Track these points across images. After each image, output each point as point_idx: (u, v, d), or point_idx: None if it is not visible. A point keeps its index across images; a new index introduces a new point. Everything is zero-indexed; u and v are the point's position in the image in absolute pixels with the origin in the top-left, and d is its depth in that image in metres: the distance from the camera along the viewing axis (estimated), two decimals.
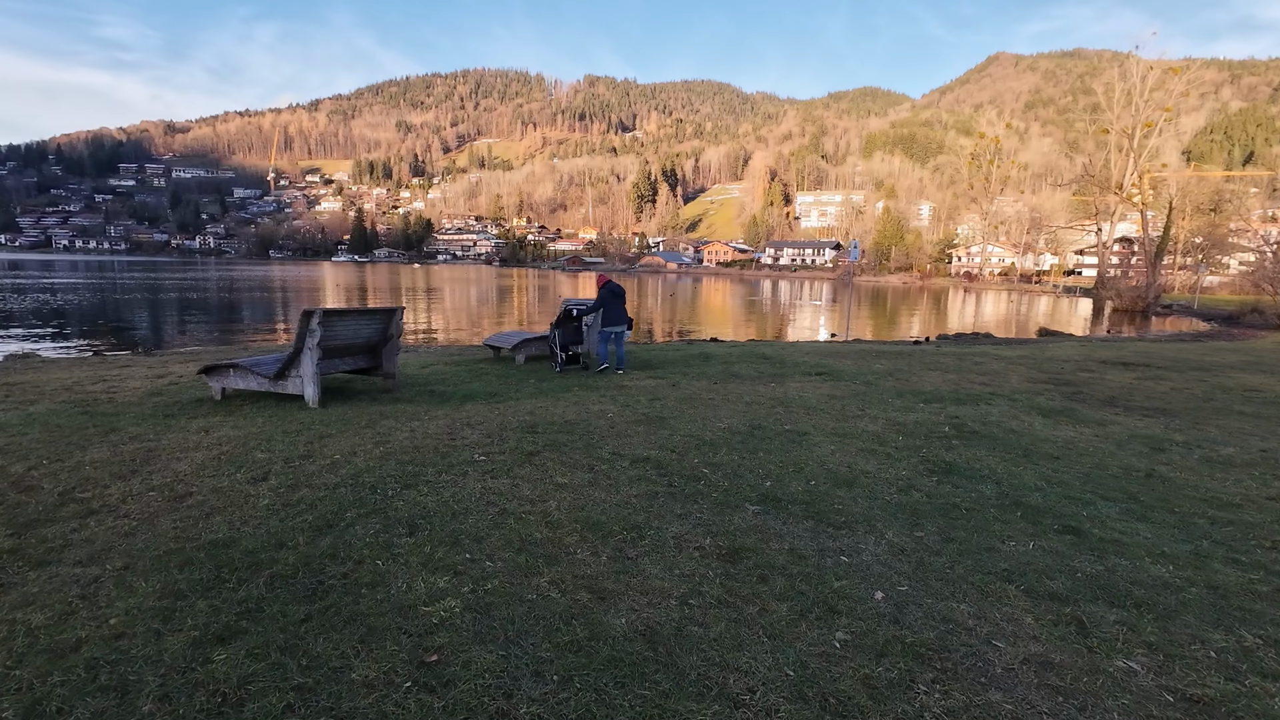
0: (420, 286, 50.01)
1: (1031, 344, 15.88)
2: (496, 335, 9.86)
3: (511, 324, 23.88)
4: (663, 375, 8.11)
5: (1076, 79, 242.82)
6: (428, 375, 8.09)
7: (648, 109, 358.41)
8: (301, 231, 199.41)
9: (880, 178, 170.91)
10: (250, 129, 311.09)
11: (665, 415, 5.49)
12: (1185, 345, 15.40)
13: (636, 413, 5.59)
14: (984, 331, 20.81)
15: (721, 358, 10.11)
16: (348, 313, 6.15)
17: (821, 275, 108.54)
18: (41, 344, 15.03)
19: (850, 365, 9.36)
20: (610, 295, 8.39)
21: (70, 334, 17.08)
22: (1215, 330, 23.81)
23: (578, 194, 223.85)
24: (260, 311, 26.37)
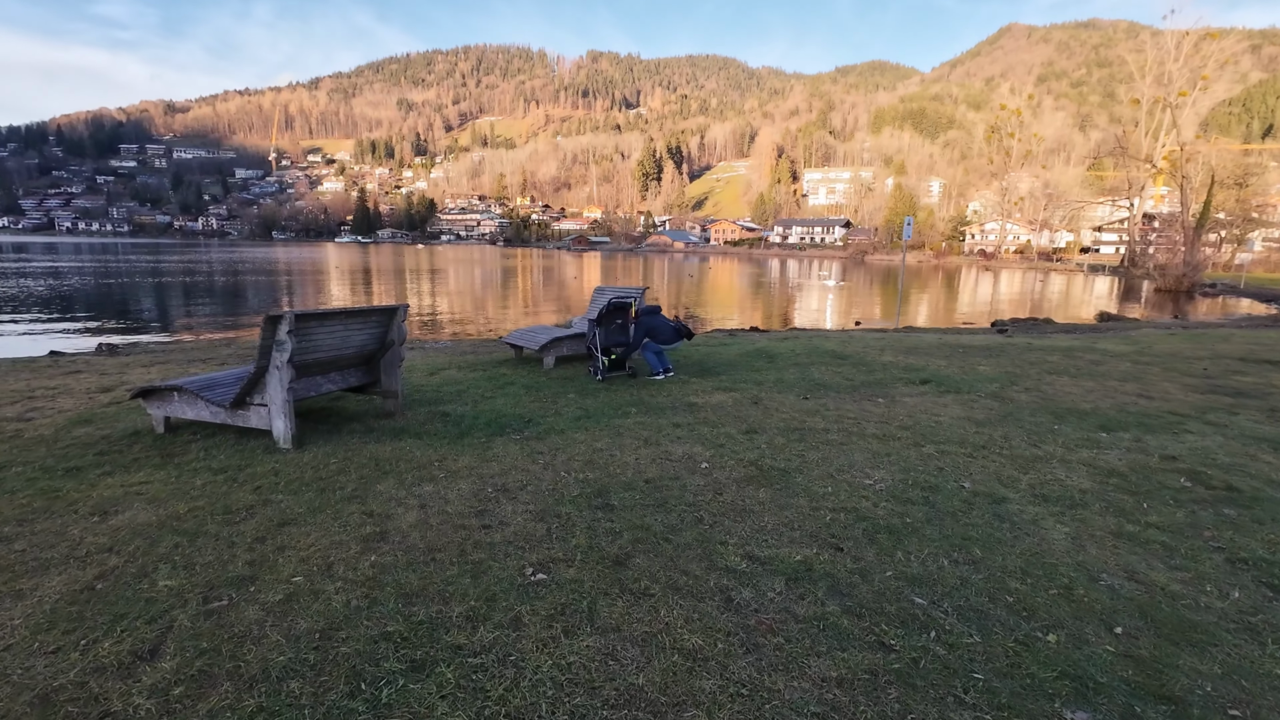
0: (425, 268, 48.27)
1: (1111, 332, 14.17)
2: (519, 332, 8.24)
3: (517, 308, 22.28)
4: (732, 384, 6.49)
5: (1091, 50, 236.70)
6: (438, 386, 6.49)
7: (652, 85, 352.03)
8: (304, 212, 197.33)
9: (889, 154, 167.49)
10: (251, 108, 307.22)
11: (781, 463, 3.87)
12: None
13: (738, 457, 3.97)
14: (1041, 316, 19.05)
15: (786, 357, 8.47)
16: (331, 315, 4.53)
17: (832, 254, 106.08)
18: (29, 332, 13.52)
19: (950, 368, 7.71)
20: (657, 317, 6.90)
21: (59, 320, 15.58)
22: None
23: (582, 172, 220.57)
24: (264, 295, 24.80)
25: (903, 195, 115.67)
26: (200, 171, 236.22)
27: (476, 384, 6.60)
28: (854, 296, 30.63)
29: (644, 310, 6.94)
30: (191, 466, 3.81)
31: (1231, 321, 18.75)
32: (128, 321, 16.67)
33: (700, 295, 30.51)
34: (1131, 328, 16.28)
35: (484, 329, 16.23)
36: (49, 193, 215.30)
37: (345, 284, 31.94)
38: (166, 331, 15.07)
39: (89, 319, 16.88)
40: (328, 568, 2.48)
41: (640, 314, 6.88)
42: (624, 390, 6.23)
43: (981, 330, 15.11)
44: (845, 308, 24.88)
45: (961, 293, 36.28)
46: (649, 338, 6.88)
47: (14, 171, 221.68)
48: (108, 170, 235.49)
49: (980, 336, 12.33)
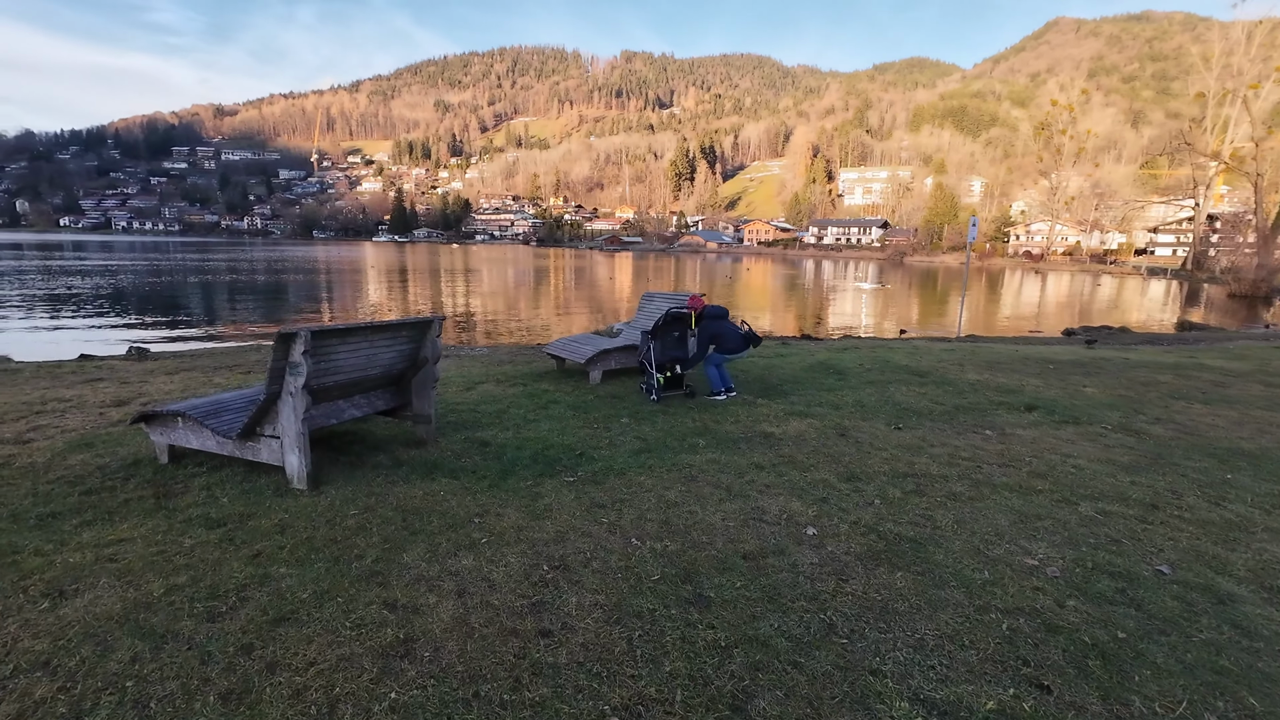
0: (460, 268, 48.28)
1: (1203, 344, 12.86)
2: (562, 342, 7.54)
3: (553, 310, 21.68)
4: (805, 408, 5.67)
5: (1144, 44, 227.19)
6: (475, 404, 5.82)
7: (685, 85, 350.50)
8: (344, 212, 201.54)
9: (928, 152, 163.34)
10: (294, 111, 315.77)
11: (908, 529, 3.05)
12: None
13: (850, 519, 3.17)
14: (1115, 325, 17.66)
15: (856, 372, 7.59)
16: (354, 331, 3.87)
17: (869, 255, 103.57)
18: (70, 329, 13.41)
19: (1050, 389, 6.75)
20: (724, 322, 6.10)
21: (98, 319, 15.54)
22: None
23: (614, 172, 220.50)
24: (301, 295, 24.75)
25: (943, 195, 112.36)
26: (246, 172, 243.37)
27: (517, 402, 5.91)
28: (897, 300, 29.30)
29: (709, 313, 6.13)
30: (186, 514, 3.17)
31: None
32: (164, 321, 16.57)
33: (737, 297, 29.56)
34: (1224, 338, 14.87)
35: (520, 332, 15.66)
36: (106, 193, 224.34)
37: (382, 284, 31.88)
38: (202, 331, 14.86)
39: (127, 318, 16.84)
40: (330, 709, 1.76)
41: (704, 317, 6.09)
42: (684, 414, 5.46)
43: (1056, 340, 13.92)
44: (891, 312, 23.69)
45: (1012, 296, 34.52)
46: (714, 345, 6.08)
47: (75, 173, 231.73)
48: (160, 171, 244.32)
49: (1060, 348, 11.21)
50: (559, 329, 16.52)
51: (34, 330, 14.46)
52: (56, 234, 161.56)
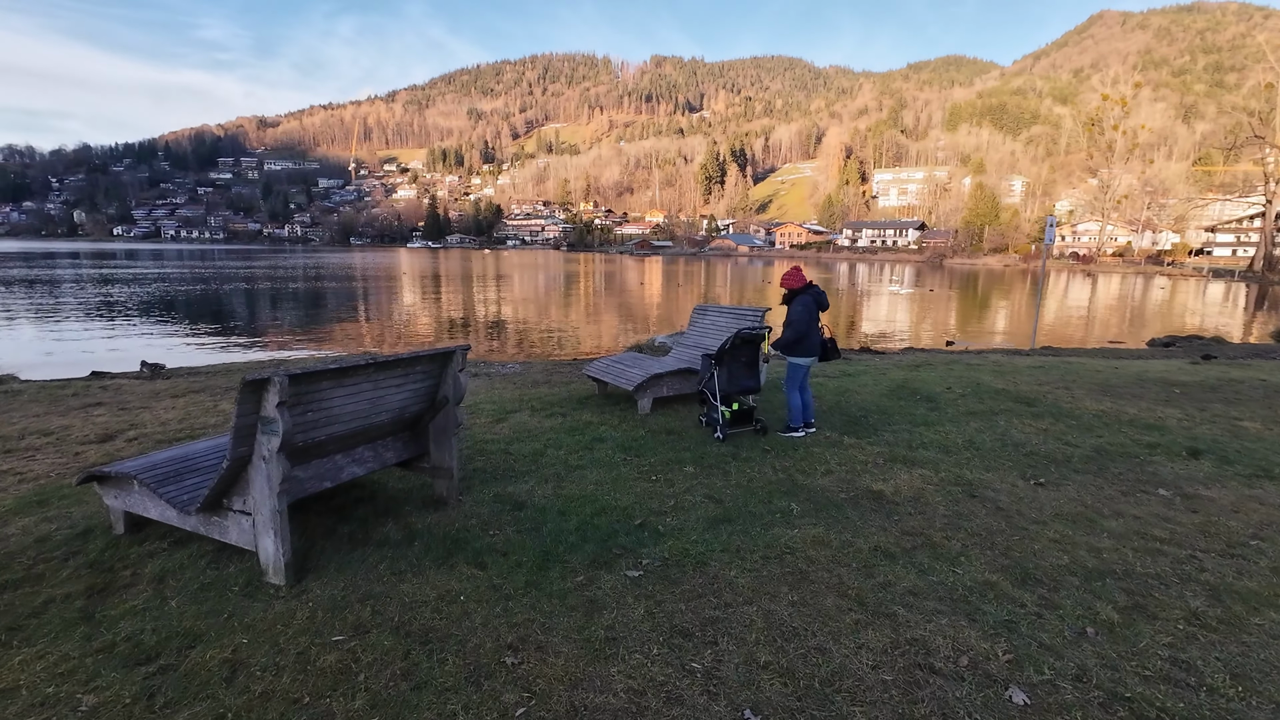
0: (491, 273, 47.94)
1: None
2: (606, 363, 6.59)
3: (586, 316, 20.77)
4: (907, 450, 4.60)
5: (1196, 35, 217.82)
6: (508, 442, 4.90)
7: (715, 88, 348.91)
8: (379, 219, 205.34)
9: (966, 152, 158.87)
10: (333, 121, 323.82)
11: (1167, 696, 2.00)
12: None
13: (1068, 667, 2.12)
14: (1197, 335, 15.99)
15: (947, 399, 6.47)
16: (352, 370, 2.95)
17: (907, 257, 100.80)
18: (90, 338, 13.03)
19: (1198, 423, 5.54)
20: (814, 306, 5.03)
21: (121, 328, 15.23)
22: None
23: (644, 176, 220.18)
24: (334, 302, 24.41)
25: (983, 195, 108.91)
26: (287, 182, 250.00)
27: (556, 439, 4.97)
28: (942, 305, 27.68)
29: (816, 290, 5.11)
30: (112, 634, 2.29)
31: None
32: (192, 331, 16.18)
33: (774, 302, 28.30)
34: None
35: (554, 343, 14.80)
36: (157, 203, 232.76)
37: (417, 292, 31.51)
38: (228, 341, 14.37)
39: (156, 328, 16.51)
40: None
41: (808, 290, 5.06)
42: (759, 459, 4.44)
43: (1145, 352, 12.46)
44: (940, 318, 22.21)
45: (1069, 301, 32.47)
46: (797, 349, 5.01)
47: (128, 184, 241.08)
48: (207, 182, 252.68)
49: (1162, 363, 9.84)
50: (592, 338, 15.64)
51: (61, 341, 14.14)
52: (110, 243, 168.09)
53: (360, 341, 14.67)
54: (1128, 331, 19.06)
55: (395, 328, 17.63)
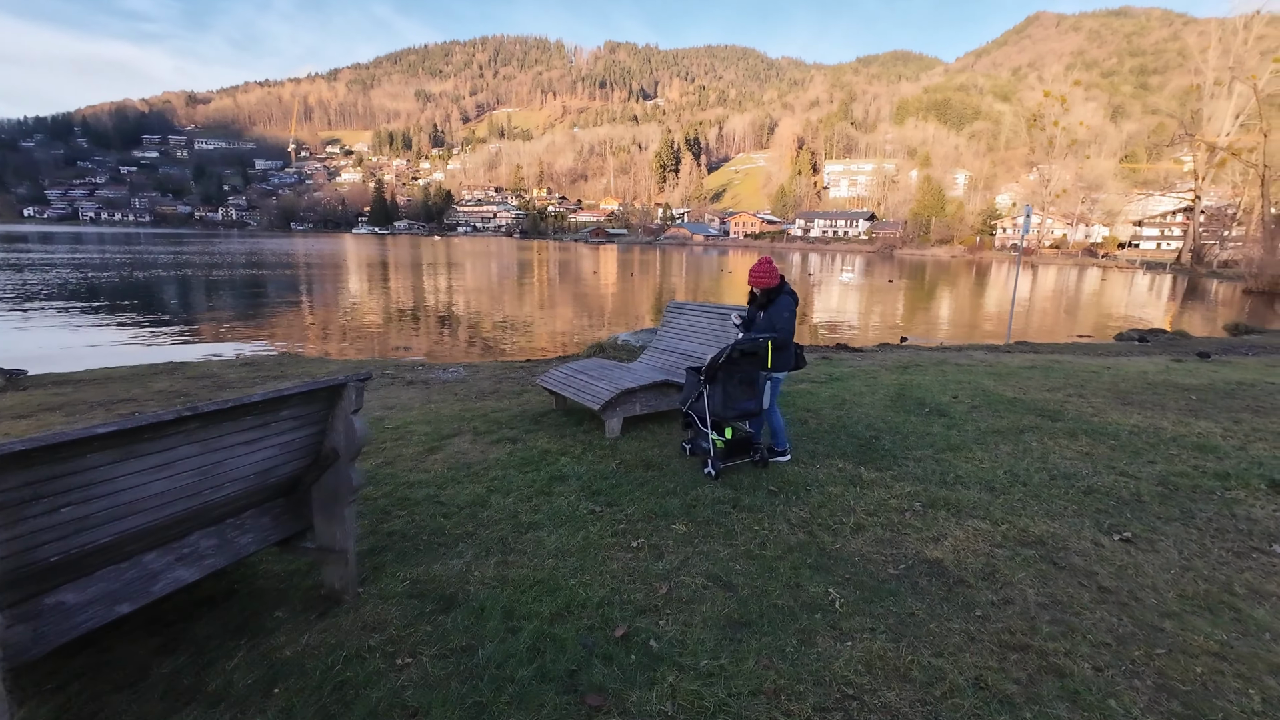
0: (441, 261, 45.73)
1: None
2: (565, 373, 5.47)
3: (536, 307, 19.45)
4: (942, 487, 3.71)
5: (1124, 39, 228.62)
6: (440, 483, 3.78)
7: (670, 76, 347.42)
8: (322, 203, 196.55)
9: (913, 145, 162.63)
10: (270, 99, 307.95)
11: None
12: None
13: None
14: (1159, 328, 15.93)
15: (956, 410, 5.64)
16: (147, 432, 1.78)
17: (858, 248, 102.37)
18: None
19: (1248, 441, 4.84)
20: (794, 307, 4.14)
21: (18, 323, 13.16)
22: None
23: (599, 164, 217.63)
24: (264, 295, 22.28)
25: (930, 187, 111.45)
26: (221, 162, 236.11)
27: (504, 479, 3.87)
28: (904, 296, 27.50)
29: (788, 289, 4.21)
30: None
31: None
32: (94, 325, 14.18)
33: (733, 294, 27.57)
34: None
35: (506, 340, 13.53)
36: (74, 183, 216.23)
37: (363, 280, 29.37)
38: (136, 335, 12.55)
39: (49, 321, 14.43)
40: None
41: (784, 292, 4.17)
42: (767, 507, 3.46)
43: (1126, 348, 12.09)
44: (902, 310, 21.87)
45: (1015, 293, 32.91)
46: (779, 360, 4.08)
47: (41, 162, 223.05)
48: (131, 161, 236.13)
49: (1151, 360, 9.38)
50: (547, 334, 14.43)
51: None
52: (20, 225, 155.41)
53: (293, 335, 13.08)
54: (1088, 323, 19.05)
55: (333, 321, 15.99)
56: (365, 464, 4.14)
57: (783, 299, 4.17)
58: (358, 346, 12.20)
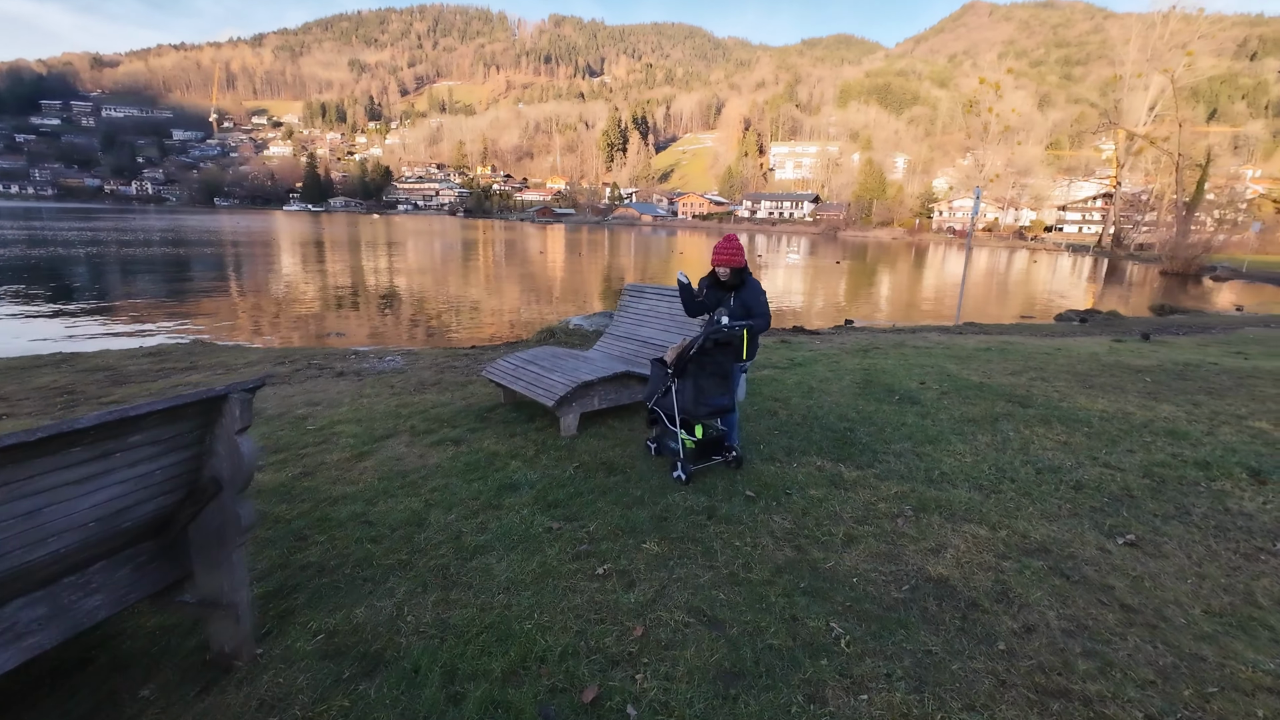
0: (381, 240, 43.61)
1: (1220, 331, 11.63)
2: (514, 363, 4.95)
3: (479, 286, 18.58)
4: (931, 487, 3.43)
5: (1050, 30, 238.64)
6: (370, 497, 3.25)
7: (616, 53, 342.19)
8: (250, 178, 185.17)
9: (856, 129, 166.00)
10: (188, 65, 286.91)
11: None
12: None
13: None
14: (1095, 309, 16.50)
15: (925, 396, 5.44)
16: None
17: (803, 229, 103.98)
18: None
19: (1213, 428, 4.79)
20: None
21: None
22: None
23: (545, 141, 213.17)
24: (191, 271, 20.46)
25: (872, 170, 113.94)
26: (134, 132, 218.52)
27: (446, 489, 3.37)
28: (852, 276, 27.85)
29: (747, 278, 3.81)
30: None
31: None
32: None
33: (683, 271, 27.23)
34: (1222, 324, 13.81)
35: (450, 323, 12.77)
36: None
37: (296, 259, 27.49)
38: (18, 323, 11.16)
39: None
40: None
41: (742, 284, 3.77)
42: (746, 516, 3.08)
43: (1070, 328, 12.37)
44: (850, 291, 22.08)
45: (955, 273, 33.91)
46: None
47: None
48: (28, 129, 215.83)
49: (1096, 341, 9.54)
50: (494, 317, 13.72)
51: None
52: None
53: (212, 321, 11.92)
54: (1027, 304, 19.65)
55: (259, 304, 14.76)
56: (279, 476, 3.54)
57: (753, 280, 3.78)
58: (285, 333, 11.21)
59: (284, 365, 6.76)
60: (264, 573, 2.54)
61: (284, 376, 6.23)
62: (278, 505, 3.16)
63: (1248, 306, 19.70)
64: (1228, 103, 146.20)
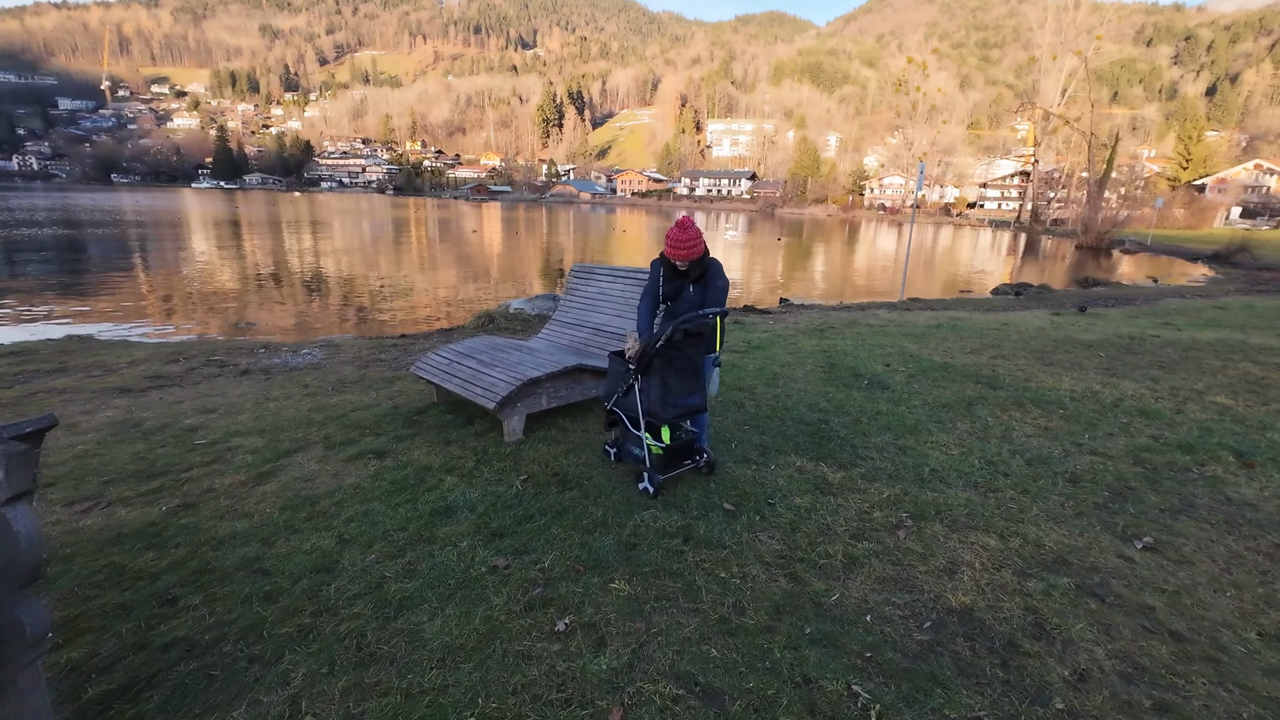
0: (305, 219, 40.81)
1: (1143, 303, 12.07)
2: (447, 358, 4.29)
3: (411, 266, 17.44)
4: (925, 489, 3.08)
5: (970, 13, 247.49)
6: (268, 536, 2.62)
7: (549, 24, 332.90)
8: (152, 152, 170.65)
9: (790, 107, 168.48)
10: (73, 26, 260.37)
11: None
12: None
13: None
14: (1026, 282, 16.99)
15: (891, 380, 5.16)
16: None
17: (741, 206, 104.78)
18: None
19: (1181, 405, 4.70)
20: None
21: None
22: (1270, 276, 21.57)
23: (477, 116, 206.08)
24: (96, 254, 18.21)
25: (807, 148, 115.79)
26: (11, 100, 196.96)
27: (366, 518, 2.77)
28: (792, 253, 27.99)
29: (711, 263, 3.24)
30: None
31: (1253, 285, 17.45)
32: None
33: (624, 253, 26.72)
34: (1141, 295, 14.43)
35: (378, 307, 11.78)
36: None
37: (202, 240, 25.09)
38: None
39: None
40: None
41: (706, 272, 3.20)
42: (728, 536, 2.64)
43: (1007, 302, 12.57)
44: (792, 268, 22.12)
45: (889, 250, 34.76)
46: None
47: None
48: None
49: (1034, 315, 9.65)
50: (427, 301, 12.79)
51: None
52: None
53: (98, 311, 10.52)
54: (962, 278, 20.14)
55: (158, 291, 13.24)
56: (148, 513, 2.84)
57: (715, 264, 3.24)
58: (185, 324, 10.02)
59: (176, 364, 5.85)
60: (107, 662, 1.90)
61: (174, 377, 5.35)
62: (141, 555, 2.49)
63: (1161, 279, 20.85)
64: (1127, 86, 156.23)
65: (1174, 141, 79.02)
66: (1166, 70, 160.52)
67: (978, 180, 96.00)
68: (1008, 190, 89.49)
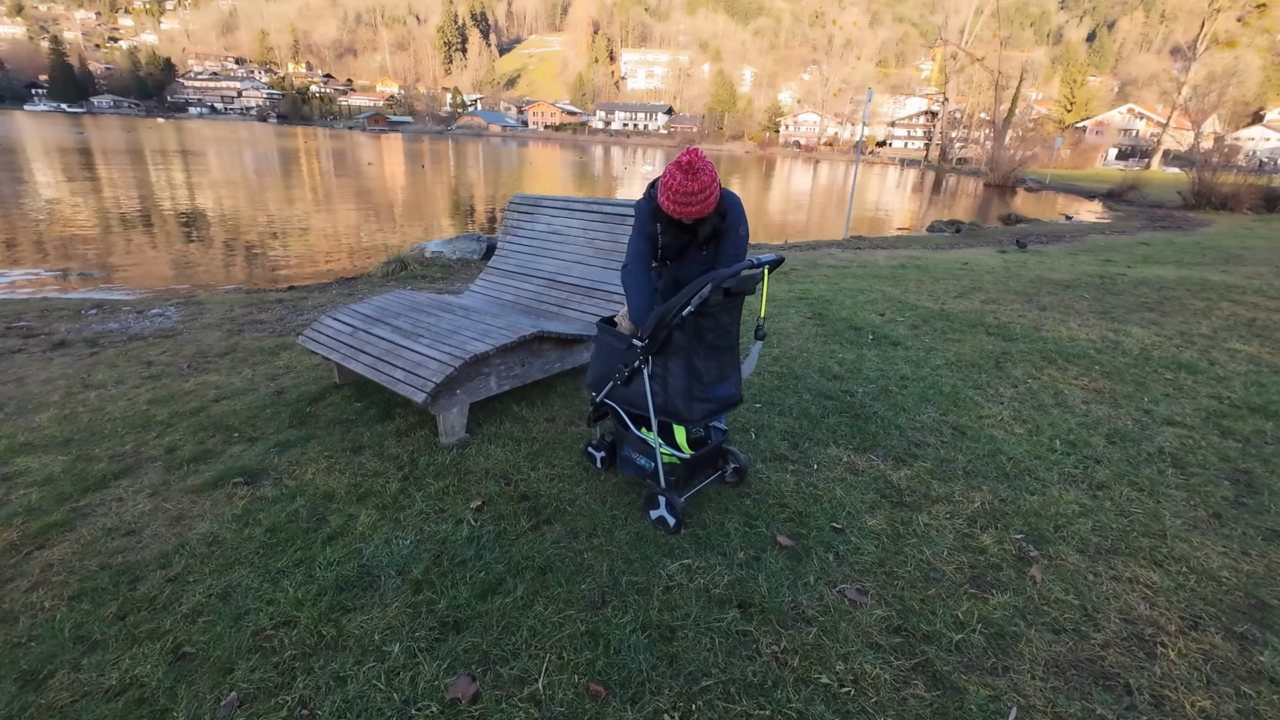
0: (170, 148, 35.30)
1: (1070, 240, 12.13)
2: (351, 320, 3.11)
3: (304, 203, 15.07)
4: (1016, 494, 2.34)
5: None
6: (47, 660, 1.50)
7: None
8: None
9: (705, 38, 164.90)
10: None
11: None
12: None
13: None
14: (956, 219, 16.97)
15: (896, 333, 4.43)
16: None
17: (659, 141, 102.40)
18: None
19: (1223, 358, 4.26)
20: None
21: None
22: (1171, 214, 22.74)
23: (370, 37, 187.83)
24: None
25: (723, 82, 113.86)
26: None
27: (219, 615, 1.67)
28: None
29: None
30: None
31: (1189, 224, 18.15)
32: None
33: (537, 188, 24.87)
34: (1065, 232, 14.66)
35: (257, 252, 9.86)
36: None
37: (37, 171, 20.79)
38: None
39: None
40: None
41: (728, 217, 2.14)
42: (800, 594, 1.77)
43: (953, 240, 12.26)
44: None
45: (811, 186, 34.57)
46: None
47: None
48: None
49: (984, 252, 9.31)
50: (324, 245, 10.93)
51: None
52: None
53: None
54: (894, 215, 20.03)
55: None
56: None
57: (736, 207, 2.18)
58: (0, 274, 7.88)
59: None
60: None
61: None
62: None
63: (1073, 216, 21.62)
64: (1019, 30, 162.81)
65: (1059, 85, 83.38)
66: (1054, 15, 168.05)
67: (886, 119, 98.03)
68: (914, 130, 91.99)
